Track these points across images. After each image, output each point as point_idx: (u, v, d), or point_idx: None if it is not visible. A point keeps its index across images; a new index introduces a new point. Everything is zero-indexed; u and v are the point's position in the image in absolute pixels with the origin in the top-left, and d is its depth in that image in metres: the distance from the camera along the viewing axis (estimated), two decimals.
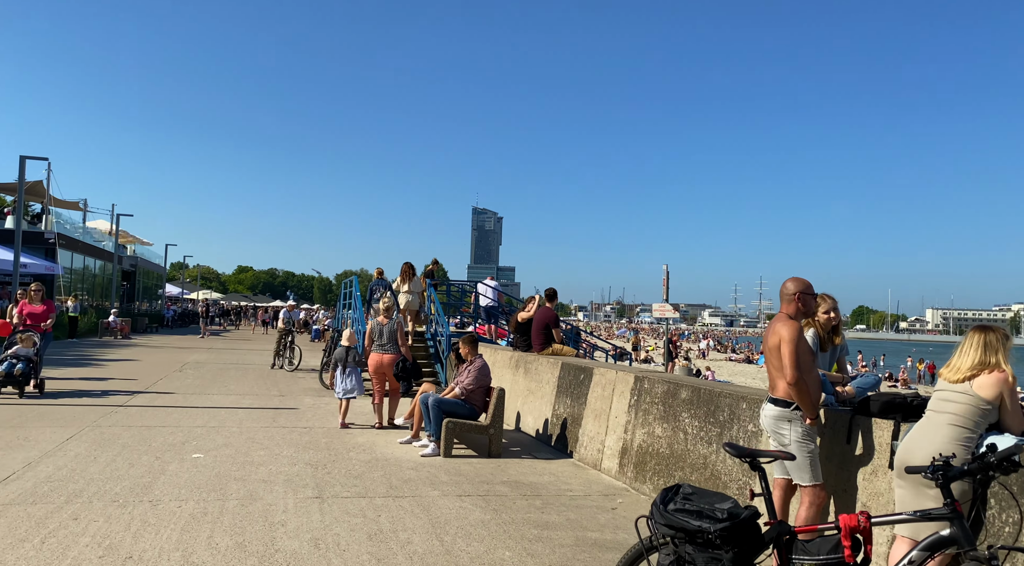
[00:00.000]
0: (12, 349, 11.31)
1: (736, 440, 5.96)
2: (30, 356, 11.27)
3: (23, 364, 11.12)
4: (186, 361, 19.46)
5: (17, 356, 11.22)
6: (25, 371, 11.06)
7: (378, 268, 16.64)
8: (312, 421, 10.35)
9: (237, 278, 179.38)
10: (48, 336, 12.12)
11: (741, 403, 6.05)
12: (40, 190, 36.47)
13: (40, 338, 11.71)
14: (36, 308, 12.03)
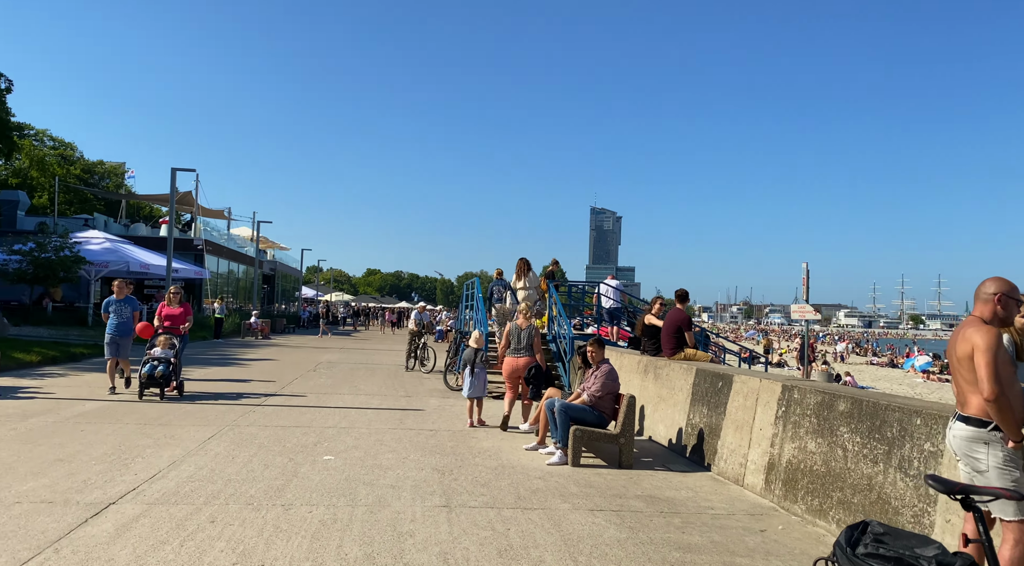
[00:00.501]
0: (151, 350, 11.45)
1: (910, 461, 5.22)
2: (168, 358, 11.31)
3: (163, 366, 11.18)
4: (320, 361, 20.20)
5: (156, 358, 11.29)
6: (165, 373, 11.10)
7: (498, 269, 16.55)
8: (438, 423, 10.29)
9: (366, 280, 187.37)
10: (185, 338, 12.25)
11: (914, 418, 5.30)
12: (190, 200, 39.35)
13: (178, 340, 11.79)
14: (174, 311, 12.13)
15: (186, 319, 12.15)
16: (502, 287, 16.24)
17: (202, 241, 37.26)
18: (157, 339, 11.52)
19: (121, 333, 11.80)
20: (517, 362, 10.14)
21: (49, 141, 77.52)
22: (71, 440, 7.71)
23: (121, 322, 11.83)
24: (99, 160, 79.53)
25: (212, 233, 41.93)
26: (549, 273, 17.50)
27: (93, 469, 6.48)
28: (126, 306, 11.92)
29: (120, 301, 11.93)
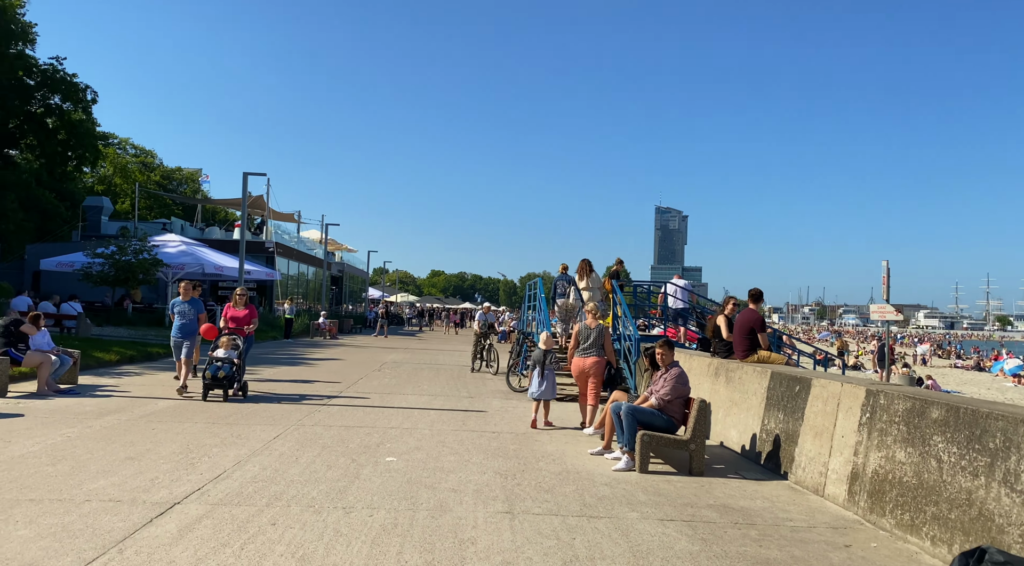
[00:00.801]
0: (214, 351, 11.32)
1: (1017, 476, 4.75)
2: (232, 359, 11.13)
3: (226, 367, 11.00)
4: (385, 361, 20.37)
5: (219, 359, 11.11)
6: (228, 374, 10.94)
7: (562, 264, 16.23)
8: (500, 425, 10.12)
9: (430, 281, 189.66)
10: (250, 339, 12.15)
11: (1020, 428, 4.82)
12: (261, 204, 40.48)
13: (243, 341, 11.65)
14: (239, 312, 12.01)
15: (251, 321, 12.04)
16: (566, 282, 15.99)
17: (273, 244, 38.22)
18: (220, 340, 11.41)
19: (184, 334, 11.84)
20: (585, 362, 10.00)
21: (131, 149, 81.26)
22: (142, 438, 7.86)
23: (185, 323, 11.89)
24: (177, 166, 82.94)
25: (283, 236, 43.04)
26: (614, 273, 17.15)
27: (161, 468, 6.55)
28: (191, 307, 11.96)
29: (185, 302, 12.00)
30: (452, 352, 26.06)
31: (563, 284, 15.99)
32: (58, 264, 31.14)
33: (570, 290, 15.78)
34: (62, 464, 6.46)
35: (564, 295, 15.85)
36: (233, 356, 11.19)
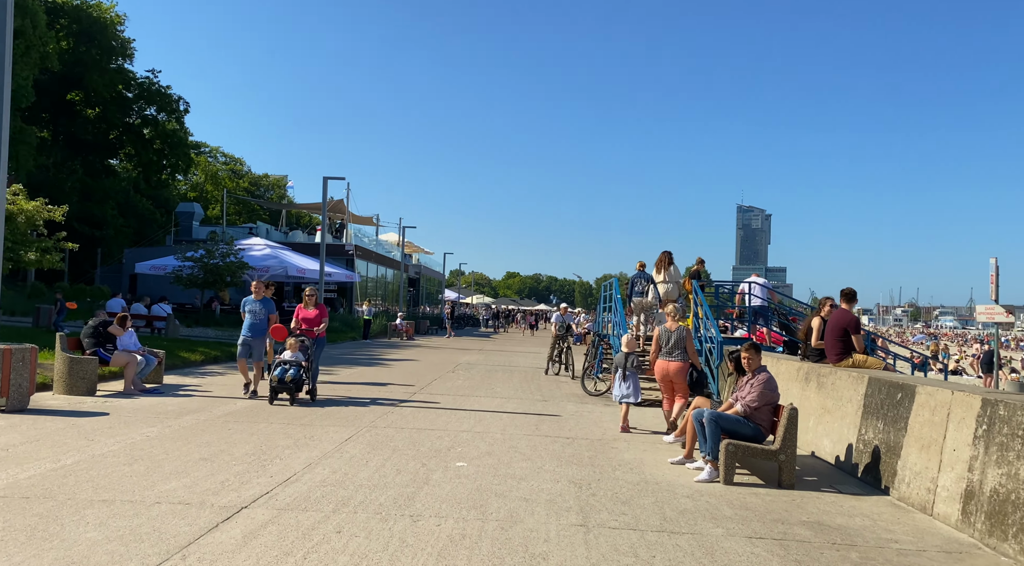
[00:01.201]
0: (282, 354, 10.93)
1: None
2: (300, 361, 10.72)
3: (294, 369, 10.57)
4: (459, 362, 20.32)
5: (287, 361, 10.68)
6: (295, 377, 10.50)
7: (640, 261, 15.74)
8: (575, 431, 9.78)
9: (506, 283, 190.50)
10: (321, 341, 11.72)
11: None
12: (341, 208, 41.40)
13: (312, 343, 11.26)
14: (309, 313, 11.58)
15: (321, 321, 11.60)
16: (644, 280, 15.46)
17: (352, 246, 39.02)
18: (287, 342, 10.99)
19: (254, 334, 11.52)
20: (669, 366, 9.60)
21: (221, 157, 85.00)
22: (217, 439, 7.91)
23: (255, 323, 11.56)
24: (264, 173, 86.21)
25: (362, 239, 43.93)
26: (694, 273, 16.49)
27: (232, 470, 6.53)
28: (262, 307, 11.62)
29: (257, 302, 11.68)
30: (526, 354, 25.85)
31: (641, 282, 15.45)
32: (151, 267, 32.64)
33: (648, 288, 15.26)
34: (138, 464, 6.52)
35: (642, 294, 15.34)
36: (301, 358, 10.78)
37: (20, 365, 8.68)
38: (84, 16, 50.94)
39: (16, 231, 13.63)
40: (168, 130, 57.55)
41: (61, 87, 52.23)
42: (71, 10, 50.80)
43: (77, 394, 10.39)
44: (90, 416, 8.85)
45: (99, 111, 54.33)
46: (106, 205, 50.21)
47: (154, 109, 57.81)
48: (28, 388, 8.83)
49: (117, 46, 53.89)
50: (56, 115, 53.73)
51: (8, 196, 13.72)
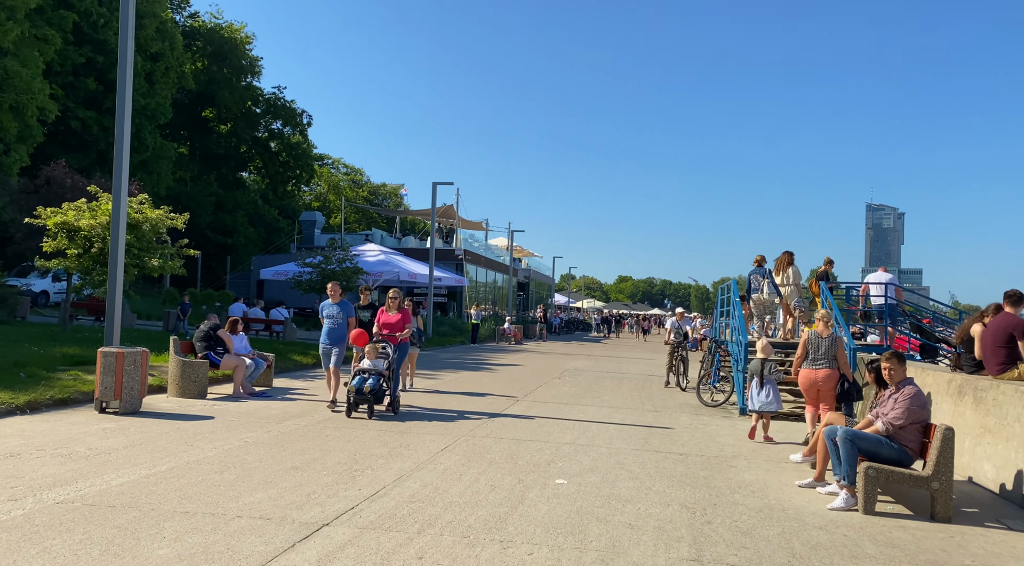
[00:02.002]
0: (360, 362, 10.16)
1: None
2: (379, 370, 9.90)
3: (374, 379, 9.72)
4: (566, 368, 19.75)
5: (365, 370, 9.85)
6: (374, 388, 9.63)
7: (758, 255, 14.48)
8: (689, 446, 8.97)
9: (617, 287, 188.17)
10: (403, 347, 10.93)
11: None
12: (451, 213, 41.87)
13: (393, 350, 10.41)
14: (391, 318, 10.74)
15: (403, 327, 10.75)
16: (761, 276, 14.29)
17: (462, 251, 39.33)
18: (365, 349, 10.14)
19: (332, 340, 10.56)
20: (816, 374, 8.89)
21: (343, 168, 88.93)
22: (313, 446, 7.73)
23: (333, 329, 10.57)
24: (383, 183, 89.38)
25: (472, 244, 44.28)
26: (822, 274, 15.15)
27: (321, 481, 6.26)
28: (340, 311, 10.59)
29: (335, 305, 10.61)
30: (637, 360, 24.92)
31: (757, 278, 14.31)
32: (275, 273, 34.10)
33: (764, 284, 14.12)
34: (229, 472, 6.38)
35: (758, 290, 14.25)
36: (381, 366, 9.97)
37: (132, 368, 8.89)
38: (217, 37, 54.39)
39: (142, 238, 14.25)
40: (293, 143, 60.56)
41: (197, 105, 56.04)
42: (205, 32, 54.39)
43: (188, 397, 10.63)
44: (195, 420, 8.94)
45: (230, 127, 57.85)
46: (237, 215, 53.34)
47: (280, 123, 61.02)
48: (139, 391, 9.03)
49: (246, 65, 57.23)
50: (193, 132, 57.70)
51: (135, 205, 14.43)
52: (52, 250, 13.83)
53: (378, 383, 9.75)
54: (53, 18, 34.88)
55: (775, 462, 8.26)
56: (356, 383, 9.67)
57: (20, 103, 23.24)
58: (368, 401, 9.65)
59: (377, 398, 9.75)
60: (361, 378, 9.75)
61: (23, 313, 21.74)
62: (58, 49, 31.22)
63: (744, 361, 12.51)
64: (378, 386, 9.73)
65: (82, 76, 37.67)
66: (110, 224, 13.87)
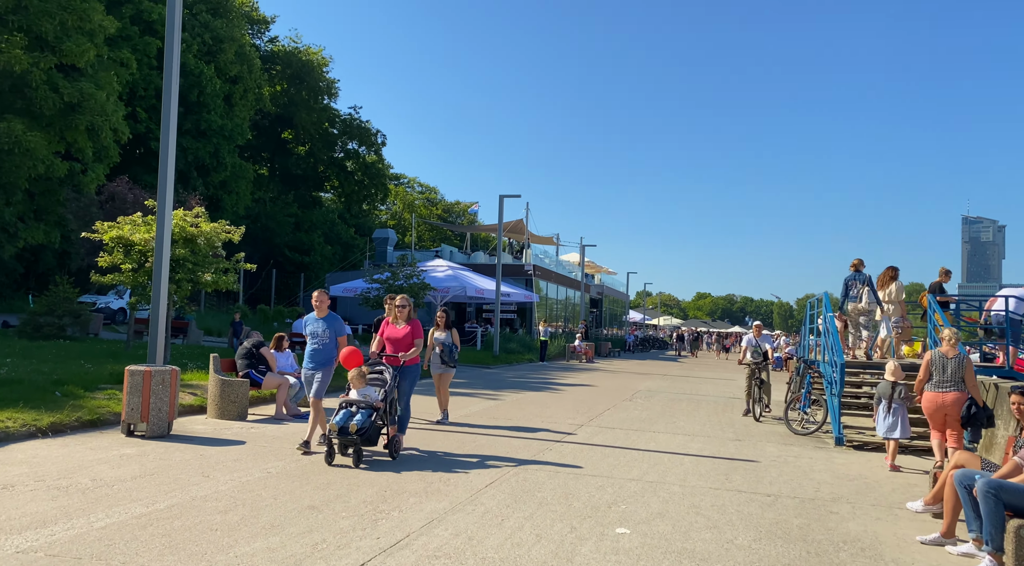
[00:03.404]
0: (348, 392, 7.88)
1: None
2: (371, 402, 7.62)
3: (363, 415, 7.44)
4: (638, 389, 18.45)
5: (353, 402, 7.59)
6: (364, 425, 7.36)
7: (855, 259, 13.02)
8: (778, 485, 7.66)
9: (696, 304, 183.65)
10: (411, 371, 8.57)
11: None
12: (521, 228, 41.07)
13: (393, 375, 8.07)
14: (397, 331, 8.62)
15: (412, 343, 8.52)
16: (860, 282, 12.80)
17: (532, 266, 38.42)
18: (351, 374, 7.94)
19: (316, 364, 8.23)
20: (944, 398, 8.21)
21: (418, 187, 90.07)
22: (340, 479, 6.85)
23: (317, 349, 8.26)
24: (456, 200, 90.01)
25: (543, 260, 43.34)
26: (936, 286, 13.50)
27: (337, 525, 5.35)
28: (326, 327, 8.26)
29: (320, 319, 8.30)
30: (716, 380, 23.29)
31: (856, 284, 12.83)
32: (344, 290, 34.04)
33: (863, 292, 12.65)
34: (235, 512, 5.54)
35: (856, 298, 12.81)
36: (374, 397, 7.72)
37: (160, 388, 8.28)
38: (295, 61, 55.77)
39: (198, 252, 13.91)
40: (368, 162, 61.42)
41: (277, 127, 57.54)
42: (284, 56, 55.86)
43: (228, 418, 10.00)
44: (225, 445, 8.23)
45: (308, 147, 59.11)
46: (313, 234, 54.26)
47: (355, 143, 62.02)
48: (168, 412, 8.40)
49: (324, 86, 58.48)
50: (273, 153, 59.27)
51: (189, 218, 14.14)
52: (107, 265, 13.64)
53: (368, 419, 7.48)
54: (139, 44, 36.24)
55: (886, 508, 6.88)
56: (339, 420, 7.39)
57: (95, 124, 23.89)
58: (354, 444, 7.32)
59: (368, 439, 7.43)
60: (346, 413, 7.49)
61: (96, 330, 22.05)
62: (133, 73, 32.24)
63: (840, 384, 11.04)
64: (368, 423, 7.44)
65: None
66: None
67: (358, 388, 7.79)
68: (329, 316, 8.37)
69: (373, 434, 7.53)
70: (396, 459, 7.80)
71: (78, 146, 24.25)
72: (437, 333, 11.04)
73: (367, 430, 7.41)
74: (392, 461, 7.73)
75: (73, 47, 21.75)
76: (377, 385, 8.00)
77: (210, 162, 42.13)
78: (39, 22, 20.81)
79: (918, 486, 7.98)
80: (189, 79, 39.58)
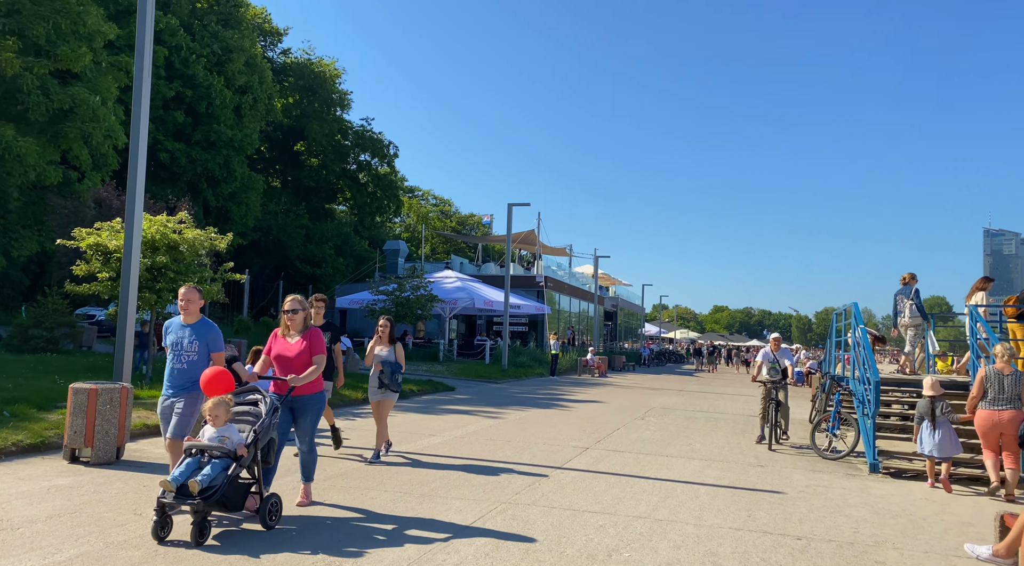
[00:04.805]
0: (201, 433, 5.50)
1: None
2: (228, 448, 5.27)
3: (213, 468, 5.16)
4: (652, 405, 17.35)
5: (200, 448, 5.29)
6: (209, 484, 5.03)
7: (908, 274, 12.69)
8: (809, 523, 6.58)
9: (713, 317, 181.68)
10: (311, 401, 6.10)
11: None
12: (532, 239, 40.15)
13: (272, 406, 5.66)
14: (288, 346, 6.13)
15: (308, 361, 6.06)
16: (905, 296, 12.85)
17: (543, 277, 37.46)
18: (206, 407, 5.51)
19: (177, 389, 6.13)
20: (1000, 416, 7.90)
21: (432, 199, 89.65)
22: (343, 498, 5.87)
23: (181, 370, 6.15)
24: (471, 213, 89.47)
25: (556, 271, 42.35)
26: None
27: None
28: (192, 337, 6.18)
29: (186, 326, 6.24)
30: (735, 396, 22.12)
31: (902, 298, 12.77)
32: (350, 302, 33.26)
33: (906, 306, 12.54)
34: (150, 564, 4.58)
35: (900, 313, 12.79)
36: (236, 440, 5.39)
37: (107, 408, 7.37)
38: (308, 72, 55.47)
39: (181, 261, 13.08)
40: (380, 174, 60.91)
41: (289, 139, 57.20)
42: (296, 68, 55.58)
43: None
44: None
45: (320, 160, 58.70)
46: (325, 246, 53.70)
47: (368, 154, 61.56)
48: (117, 436, 7.49)
49: (336, 98, 58.14)
50: (286, 165, 58.93)
51: (173, 224, 13.33)
52: (84, 274, 12.83)
53: (223, 473, 5.15)
54: None
55: (941, 556, 5.79)
56: (178, 474, 5.12)
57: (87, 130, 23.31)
58: (198, 510, 4.99)
59: (223, 502, 5.11)
60: (191, 464, 5.21)
61: (89, 342, 21.35)
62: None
63: (875, 403, 9.94)
64: (223, 479, 5.11)
65: (171, 109, 38.58)
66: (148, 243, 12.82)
67: (216, 426, 5.43)
68: (201, 323, 6.28)
69: (232, 495, 5.18)
70: (271, 529, 5.45)
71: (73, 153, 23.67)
72: (378, 349, 8.57)
73: (218, 489, 5.01)
74: (265, 532, 5.38)
75: (68, 51, 21.21)
76: (246, 422, 5.60)
77: (220, 173, 41.69)
78: (32, 25, 20.31)
79: (974, 525, 6.89)
80: (198, 90, 39.20)
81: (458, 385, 20.53)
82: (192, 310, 6.25)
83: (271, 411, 5.65)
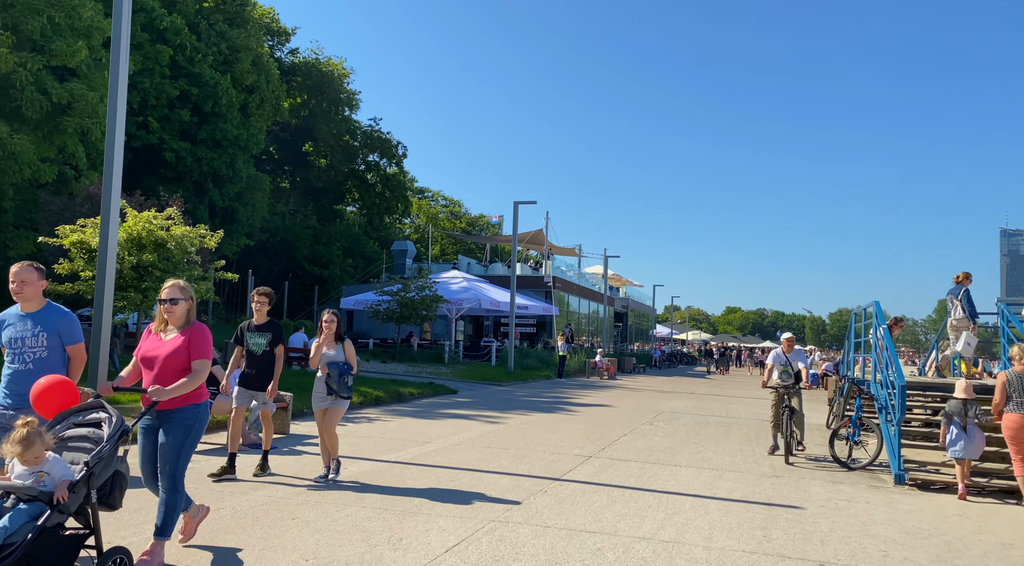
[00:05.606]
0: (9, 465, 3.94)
1: None
2: (45, 491, 3.78)
3: (16, 516, 3.66)
4: (662, 410, 16.68)
5: (8, 490, 3.78)
6: (12, 537, 3.59)
7: (962, 273, 12.30)
8: (831, 545, 5.92)
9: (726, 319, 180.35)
10: (182, 418, 4.66)
11: None
12: (540, 239, 39.53)
13: (119, 429, 4.13)
14: (159, 345, 4.75)
15: (186, 365, 4.70)
16: (955, 296, 12.31)
17: (551, 278, 36.83)
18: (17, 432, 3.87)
19: (20, 397, 4.66)
20: None
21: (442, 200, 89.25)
22: (257, 539, 5.28)
23: (21, 372, 4.71)
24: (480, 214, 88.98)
25: (568, 273, 41.70)
26: None
27: None
28: (40, 329, 4.74)
29: (27, 316, 4.78)
30: (749, 400, 21.39)
31: (951, 298, 12.40)
32: (355, 303, 32.76)
33: (956, 306, 12.29)
34: None
35: (951, 314, 12.49)
36: (60, 474, 3.90)
37: None
38: (316, 72, 55.13)
39: (170, 259, 12.56)
40: (389, 175, 60.49)
41: (298, 140, 56.87)
42: (304, 68, 55.24)
43: None
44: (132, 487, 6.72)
45: (329, 160, 58.35)
46: (332, 247, 53.29)
47: (376, 155, 61.17)
48: None
49: (344, 98, 57.78)
50: (294, 166, 58.61)
51: (161, 221, 12.82)
52: (67, 272, 12.34)
53: (31, 522, 3.70)
54: (150, 52, 35.59)
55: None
56: None
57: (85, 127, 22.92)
58: None
59: (30, 562, 3.64)
60: None
61: None
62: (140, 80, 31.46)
63: (900, 409, 9.25)
64: (29, 530, 3.65)
65: (177, 108, 38.26)
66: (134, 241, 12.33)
67: (33, 466, 3.86)
68: (47, 309, 4.78)
69: (45, 553, 3.68)
70: None
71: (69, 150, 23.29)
72: (325, 348, 7.41)
73: (18, 546, 3.56)
74: None
75: (63, 47, 20.81)
76: (81, 450, 4.12)
77: (226, 173, 41.33)
78: (26, 20, 19.91)
79: (1015, 546, 6.21)
80: (204, 89, 38.84)
81: (461, 388, 19.94)
82: (28, 294, 4.68)
83: (114, 436, 4.07)
